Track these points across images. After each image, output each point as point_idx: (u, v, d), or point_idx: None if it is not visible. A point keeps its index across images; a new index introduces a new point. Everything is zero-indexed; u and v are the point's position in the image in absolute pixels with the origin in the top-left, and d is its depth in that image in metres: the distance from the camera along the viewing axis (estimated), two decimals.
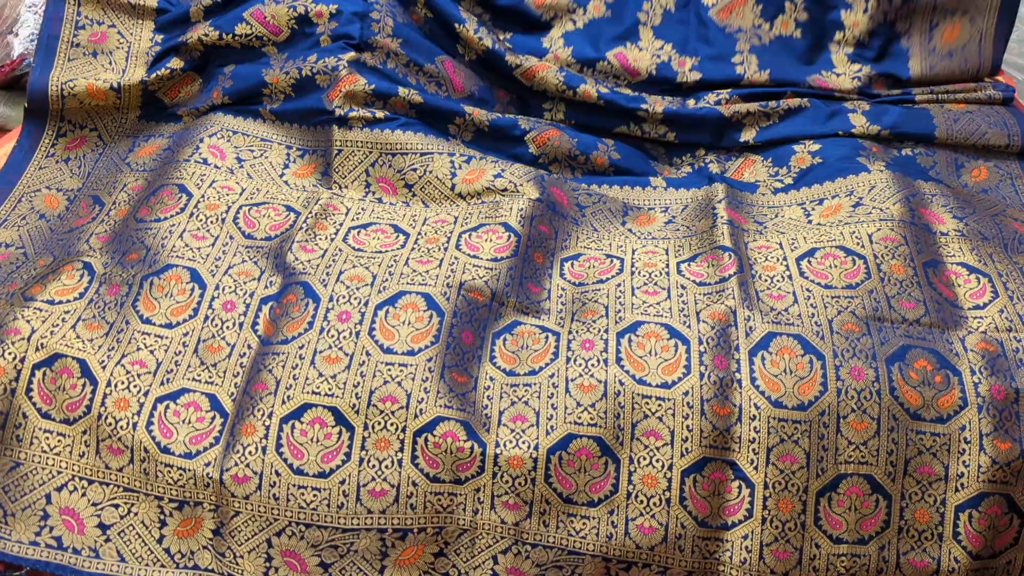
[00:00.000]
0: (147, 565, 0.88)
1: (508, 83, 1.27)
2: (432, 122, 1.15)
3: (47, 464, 0.90)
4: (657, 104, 1.24)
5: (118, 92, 1.19)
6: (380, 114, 1.13)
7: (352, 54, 1.15)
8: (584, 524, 0.86)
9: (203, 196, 1.07)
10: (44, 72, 1.19)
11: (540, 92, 1.25)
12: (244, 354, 0.92)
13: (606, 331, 0.93)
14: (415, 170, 1.10)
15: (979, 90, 1.28)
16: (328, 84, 1.14)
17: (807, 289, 0.96)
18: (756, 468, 0.85)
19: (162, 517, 0.88)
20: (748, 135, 1.22)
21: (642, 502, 0.85)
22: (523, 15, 1.30)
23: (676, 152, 1.25)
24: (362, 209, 1.08)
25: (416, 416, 0.86)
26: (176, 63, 1.20)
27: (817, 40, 1.26)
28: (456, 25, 1.24)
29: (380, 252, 1.01)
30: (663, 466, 0.86)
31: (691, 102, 1.27)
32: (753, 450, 0.85)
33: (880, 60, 1.27)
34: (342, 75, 1.13)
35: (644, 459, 0.86)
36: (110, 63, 1.22)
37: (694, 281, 0.98)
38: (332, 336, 0.92)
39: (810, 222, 1.07)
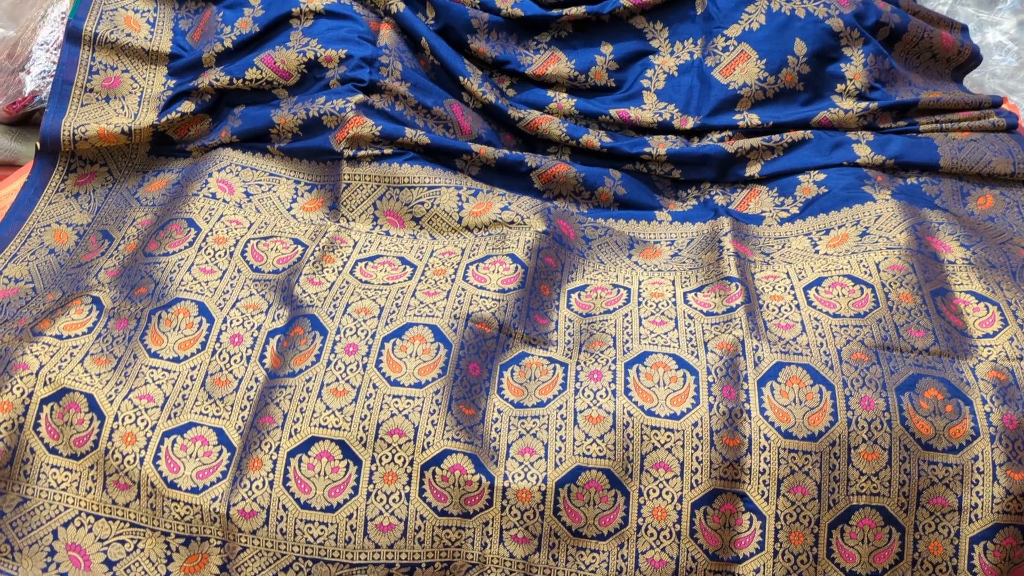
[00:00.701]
0: None
1: (513, 130, 1.28)
2: (439, 158, 1.16)
3: (54, 500, 0.89)
4: (660, 146, 1.25)
5: (129, 135, 1.20)
6: (388, 150, 1.14)
7: (360, 96, 1.16)
8: (594, 558, 0.85)
9: (211, 230, 1.08)
10: (57, 117, 1.20)
11: (544, 140, 1.27)
12: (251, 387, 0.92)
13: (614, 362, 0.93)
14: (422, 203, 1.11)
15: (983, 118, 1.29)
16: (335, 125, 1.15)
17: (815, 318, 0.96)
18: (767, 500, 0.84)
19: (168, 553, 0.88)
20: (753, 169, 1.23)
21: (652, 535, 0.85)
22: (525, 77, 1.31)
23: (682, 186, 1.25)
24: (369, 242, 1.09)
25: (424, 449, 0.86)
26: (187, 106, 1.21)
27: (818, 92, 1.27)
28: (460, 78, 1.25)
29: (387, 284, 1.01)
30: (673, 498, 0.85)
31: (695, 140, 1.27)
32: (764, 481, 0.84)
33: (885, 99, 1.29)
34: (349, 117, 1.14)
35: (654, 491, 0.85)
36: (122, 108, 1.23)
37: (701, 311, 0.98)
38: (339, 369, 0.92)
39: (817, 252, 1.07)
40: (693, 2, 1.32)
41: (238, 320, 0.98)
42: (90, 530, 0.89)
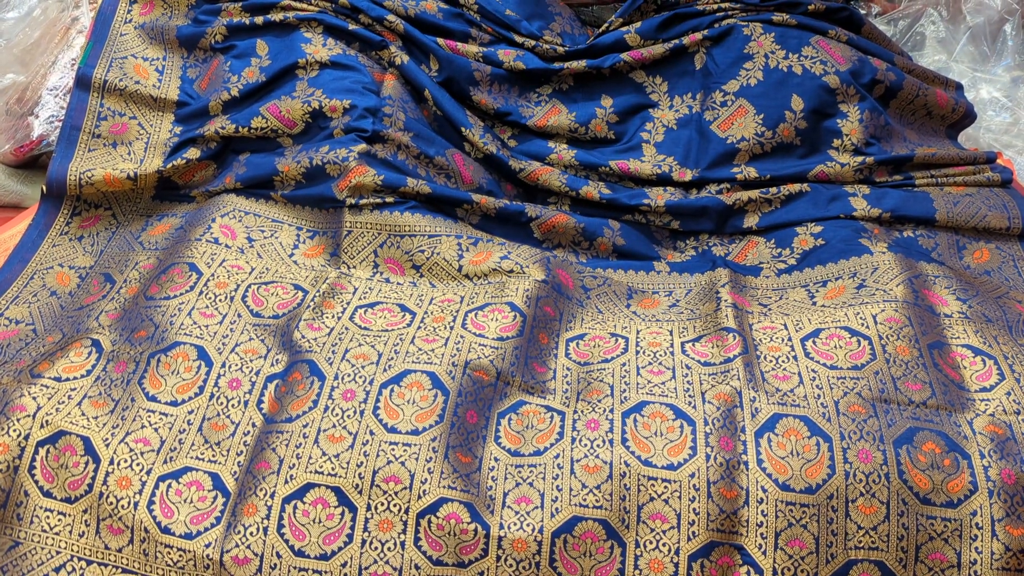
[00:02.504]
0: None
1: (514, 180, 1.30)
2: (440, 207, 1.17)
3: (46, 544, 0.89)
4: (659, 197, 1.26)
5: (134, 180, 1.22)
6: (389, 199, 1.15)
7: (363, 146, 1.17)
8: None
9: (213, 274, 1.08)
10: (64, 162, 1.21)
11: (545, 190, 1.28)
12: (248, 432, 0.92)
13: (611, 411, 0.93)
14: (423, 252, 1.12)
15: (978, 173, 1.30)
16: (338, 174, 1.16)
17: (812, 370, 0.96)
18: (765, 553, 0.84)
19: None
20: (751, 221, 1.24)
21: None
22: (527, 128, 1.33)
23: (680, 236, 1.26)
24: (369, 288, 1.09)
25: (419, 497, 0.86)
26: (193, 153, 1.23)
27: (815, 147, 1.29)
28: (462, 129, 1.27)
29: (386, 331, 1.02)
30: (670, 550, 0.84)
31: (693, 192, 1.29)
32: (761, 534, 0.84)
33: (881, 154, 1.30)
34: (352, 166, 1.15)
35: (650, 543, 0.85)
36: (129, 153, 1.25)
37: (699, 361, 0.98)
38: (336, 415, 0.92)
39: (814, 304, 1.07)
40: (692, 57, 1.35)
41: (237, 365, 0.98)
42: (82, 575, 0.88)
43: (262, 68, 1.27)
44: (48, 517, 0.89)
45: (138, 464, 0.89)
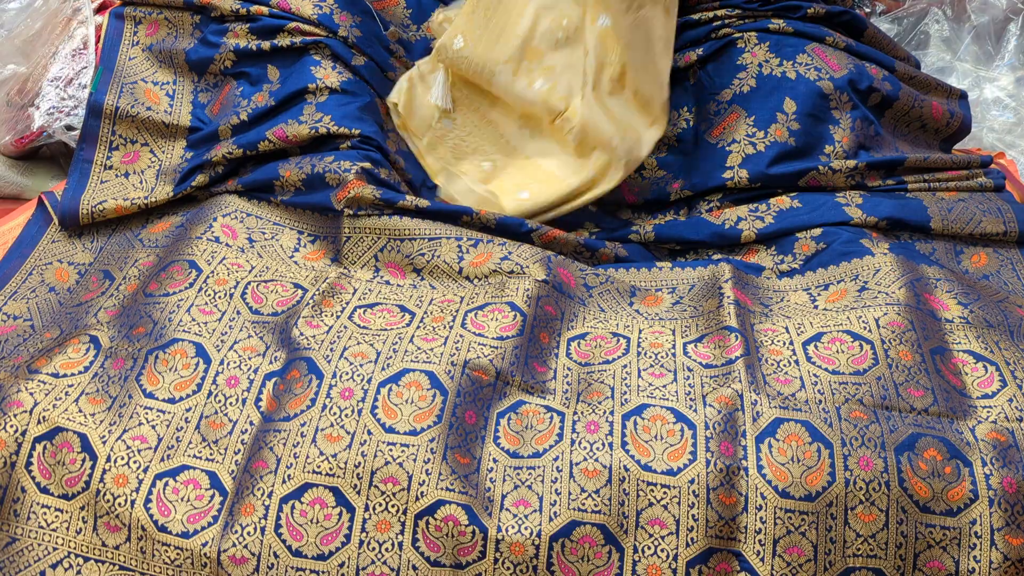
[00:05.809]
0: None
1: None
2: (439, 218, 1.16)
3: (43, 540, 0.89)
4: (647, 223, 1.25)
5: (144, 208, 1.22)
6: (388, 212, 1.14)
7: (368, 164, 1.16)
8: None
9: (212, 272, 1.08)
10: (76, 194, 1.21)
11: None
12: (246, 431, 0.92)
13: (611, 413, 0.92)
14: (423, 255, 1.11)
15: (971, 178, 1.29)
16: (337, 184, 1.15)
17: (814, 375, 0.95)
18: (763, 560, 0.83)
19: None
20: (748, 235, 1.22)
21: None
22: None
23: (680, 253, 1.25)
24: (369, 290, 1.09)
25: (418, 499, 0.85)
26: (201, 180, 1.22)
27: (807, 150, 1.27)
28: None
29: (385, 330, 1.01)
30: (668, 556, 0.84)
31: (683, 212, 1.28)
32: (759, 541, 0.84)
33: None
34: (350, 179, 1.14)
35: (648, 548, 0.84)
36: (141, 182, 1.25)
37: (701, 363, 0.98)
38: (334, 414, 0.91)
39: (816, 308, 1.07)
40: (686, 73, 1.34)
41: (235, 362, 0.98)
42: (79, 572, 0.88)
43: (272, 92, 1.26)
44: (45, 513, 0.89)
45: (135, 462, 0.89)
